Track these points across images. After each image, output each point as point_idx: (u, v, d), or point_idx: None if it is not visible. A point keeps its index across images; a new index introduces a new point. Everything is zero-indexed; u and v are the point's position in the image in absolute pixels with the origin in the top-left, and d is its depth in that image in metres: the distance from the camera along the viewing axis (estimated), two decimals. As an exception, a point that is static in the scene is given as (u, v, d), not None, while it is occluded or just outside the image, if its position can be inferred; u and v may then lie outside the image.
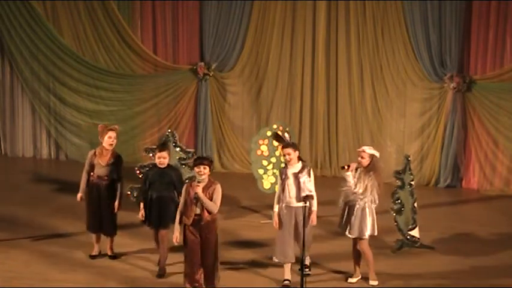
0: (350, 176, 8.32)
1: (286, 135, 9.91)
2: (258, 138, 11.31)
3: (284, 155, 8.37)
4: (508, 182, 13.36)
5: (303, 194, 8.10)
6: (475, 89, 13.42)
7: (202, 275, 7.85)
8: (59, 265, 8.99)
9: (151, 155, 10.49)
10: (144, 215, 8.80)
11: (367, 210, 8.33)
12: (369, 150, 8.38)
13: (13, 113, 15.76)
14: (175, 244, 7.93)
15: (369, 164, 8.29)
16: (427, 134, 13.96)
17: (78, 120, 15.31)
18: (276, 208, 8.38)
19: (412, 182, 9.96)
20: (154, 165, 8.90)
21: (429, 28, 13.56)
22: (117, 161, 9.08)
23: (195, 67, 14.72)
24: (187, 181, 8.47)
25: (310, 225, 8.39)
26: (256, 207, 11.86)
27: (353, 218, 8.35)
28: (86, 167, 9.13)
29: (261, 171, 11.16)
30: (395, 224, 9.80)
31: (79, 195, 9.16)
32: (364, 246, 8.45)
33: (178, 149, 10.99)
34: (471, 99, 13.50)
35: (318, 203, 8.41)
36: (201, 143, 14.90)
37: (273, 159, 11.17)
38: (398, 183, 9.86)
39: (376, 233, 8.50)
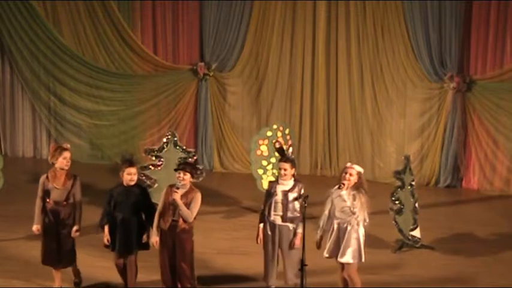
0: (345, 194, 7.63)
1: (290, 149, 9.72)
2: (258, 138, 11.33)
3: (280, 169, 8.03)
4: (508, 182, 13.35)
5: (290, 215, 7.87)
6: (475, 89, 13.41)
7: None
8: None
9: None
10: (109, 240, 7.97)
11: (360, 231, 7.65)
12: (357, 167, 7.76)
13: (13, 113, 15.75)
14: (155, 247, 7.66)
15: (357, 181, 7.66)
16: (427, 134, 13.95)
17: (78, 120, 15.31)
18: (261, 224, 8.04)
19: (413, 182, 9.98)
20: (120, 183, 7.97)
21: (429, 28, 13.54)
22: (74, 182, 8.14)
23: (195, 67, 14.73)
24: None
25: (296, 248, 7.90)
26: (256, 207, 11.81)
27: (345, 241, 7.61)
28: (39, 193, 8.15)
29: (260, 171, 11.18)
30: (395, 224, 9.80)
31: (35, 226, 8.19)
32: (355, 272, 7.72)
33: (178, 148, 11.03)
34: (471, 99, 13.49)
35: (318, 204, 8.30)
36: (201, 143, 14.91)
37: (273, 160, 11.19)
38: (398, 183, 9.87)
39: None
